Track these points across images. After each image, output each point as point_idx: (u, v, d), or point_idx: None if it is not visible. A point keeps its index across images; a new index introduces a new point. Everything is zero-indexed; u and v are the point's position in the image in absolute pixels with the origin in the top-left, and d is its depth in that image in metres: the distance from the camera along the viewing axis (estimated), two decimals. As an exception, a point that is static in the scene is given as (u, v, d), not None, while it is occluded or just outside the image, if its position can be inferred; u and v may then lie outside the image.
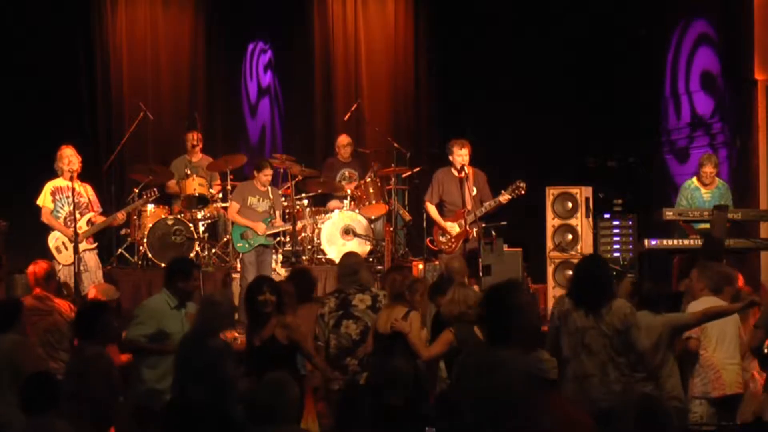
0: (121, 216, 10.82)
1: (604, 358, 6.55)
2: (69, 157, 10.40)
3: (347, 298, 7.66)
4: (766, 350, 7.27)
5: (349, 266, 7.89)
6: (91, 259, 10.51)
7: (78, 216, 10.37)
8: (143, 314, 7.43)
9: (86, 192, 10.60)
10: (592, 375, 6.52)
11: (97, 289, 9.23)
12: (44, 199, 10.48)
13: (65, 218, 10.44)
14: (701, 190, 10.86)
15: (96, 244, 10.69)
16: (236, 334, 9.45)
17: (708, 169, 10.82)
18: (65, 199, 10.42)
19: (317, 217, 11.88)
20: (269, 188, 11.16)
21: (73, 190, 10.30)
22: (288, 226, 11.39)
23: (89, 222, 10.53)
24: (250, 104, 14.03)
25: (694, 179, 10.96)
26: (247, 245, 10.96)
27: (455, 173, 10.50)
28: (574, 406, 6.07)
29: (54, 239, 10.47)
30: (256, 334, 7.08)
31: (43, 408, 5.57)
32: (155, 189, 11.21)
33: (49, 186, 10.50)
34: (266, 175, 11.11)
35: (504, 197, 10.51)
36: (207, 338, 6.68)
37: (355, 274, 7.77)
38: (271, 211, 11.09)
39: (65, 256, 10.32)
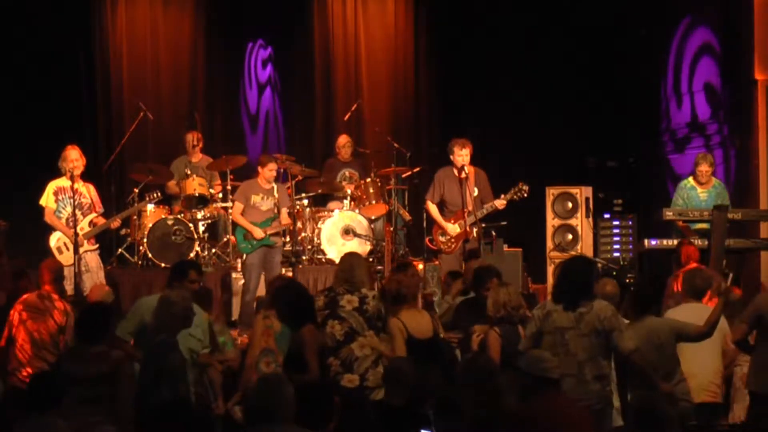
0: (116, 222, 10.80)
1: (582, 358, 6.60)
2: (74, 161, 10.35)
3: (335, 298, 7.64)
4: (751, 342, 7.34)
5: (345, 264, 7.89)
6: (92, 259, 10.48)
7: (80, 217, 10.36)
8: (131, 310, 7.56)
9: (89, 192, 10.57)
10: (569, 375, 6.55)
11: (96, 290, 9.21)
12: (47, 199, 10.45)
13: (67, 218, 10.39)
14: (697, 189, 10.86)
15: (97, 245, 10.67)
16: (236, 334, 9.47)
17: (704, 168, 10.81)
18: (68, 199, 10.36)
19: (318, 215, 11.88)
20: (274, 185, 11.00)
21: (75, 190, 10.30)
22: (291, 224, 11.32)
23: (91, 223, 10.52)
24: (250, 104, 14.02)
25: (690, 179, 10.97)
26: (249, 246, 10.81)
27: (456, 173, 10.50)
28: (575, 404, 6.10)
29: (55, 239, 10.45)
30: None
31: (44, 408, 5.57)
32: (158, 192, 11.20)
33: (52, 186, 10.47)
34: (270, 170, 10.89)
35: (500, 202, 10.49)
36: (158, 336, 6.70)
37: (349, 272, 7.76)
38: (276, 210, 10.99)
39: (67, 257, 10.29)
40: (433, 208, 10.70)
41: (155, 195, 11.10)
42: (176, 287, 7.50)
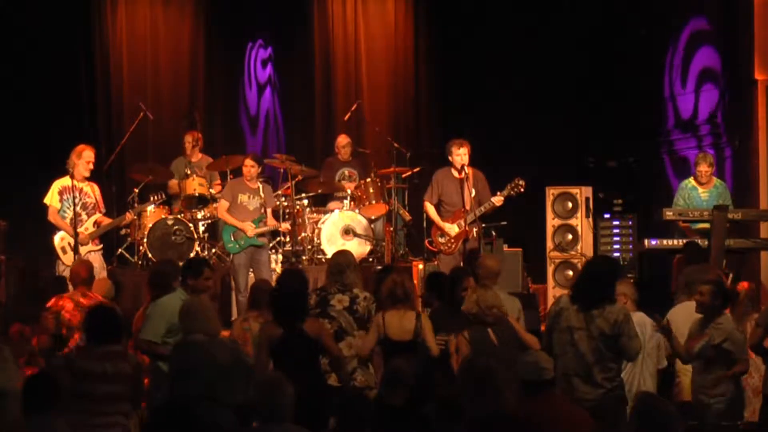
0: (129, 216, 10.85)
1: (590, 359, 6.59)
2: (90, 163, 10.37)
3: (326, 297, 7.66)
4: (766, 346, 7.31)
5: (336, 265, 7.88)
6: (96, 260, 10.46)
7: (85, 217, 10.37)
8: (155, 313, 7.35)
9: (93, 192, 10.58)
10: (576, 374, 6.57)
11: (98, 285, 9.19)
12: (52, 198, 10.44)
13: (71, 218, 10.40)
14: (698, 190, 10.86)
15: (101, 246, 10.70)
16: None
17: (703, 168, 10.82)
18: (72, 199, 10.37)
19: (317, 216, 11.88)
20: (260, 185, 11.03)
21: (81, 190, 10.30)
22: (280, 225, 11.32)
23: (95, 223, 10.52)
24: (250, 104, 14.02)
25: (691, 179, 10.98)
26: (237, 246, 10.82)
27: (455, 174, 10.49)
28: (573, 404, 6.10)
29: (60, 239, 10.46)
30: None
31: (43, 408, 5.56)
32: (162, 193, 11.23)
33: (57, 185, 10.47)
34: (246, 166, 10.97)
35: (498, 199, 10.47)
36: (190, 337, 6.67)
37: (340, 273, 7.75)
38: (263, 210, 11.00)
39: (70, 257, 10.28)
40: (431, 209, 10.69)
41: (159, 196, 11.13)
42: (191, 285, 7.48)
